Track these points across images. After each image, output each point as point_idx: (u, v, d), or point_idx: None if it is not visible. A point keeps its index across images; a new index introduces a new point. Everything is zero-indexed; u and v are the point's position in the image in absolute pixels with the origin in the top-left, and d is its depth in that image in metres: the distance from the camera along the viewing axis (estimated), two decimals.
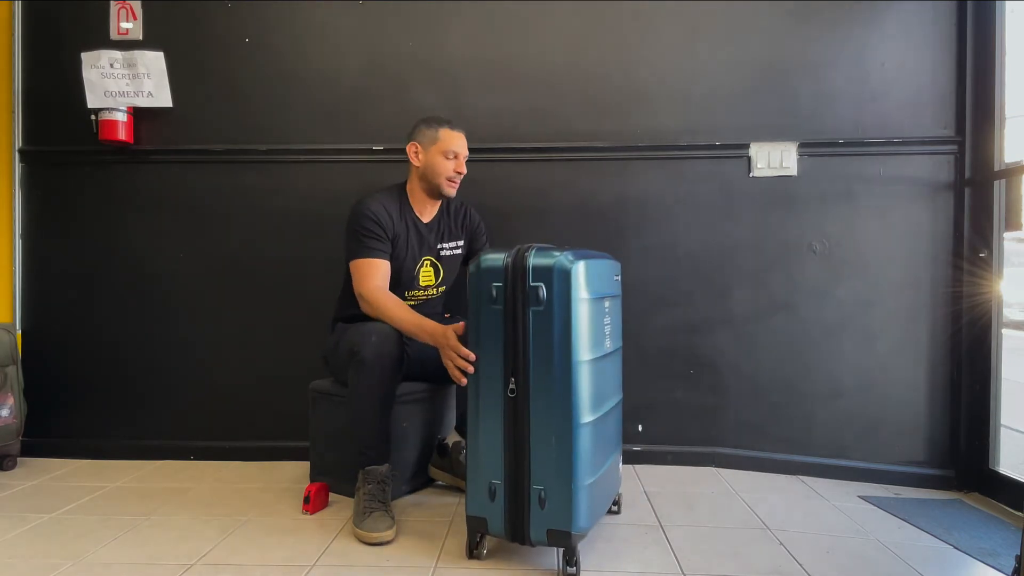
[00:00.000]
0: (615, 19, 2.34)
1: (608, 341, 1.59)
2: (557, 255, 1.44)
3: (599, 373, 1.52)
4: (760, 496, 2.02)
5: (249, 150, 2.39)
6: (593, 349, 1.48)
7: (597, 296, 1.51)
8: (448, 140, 1.97)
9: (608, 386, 1.61)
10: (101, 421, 2.43)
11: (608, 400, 1.59)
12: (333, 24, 2.39)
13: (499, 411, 1.47)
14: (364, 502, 1.71)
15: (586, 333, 1.45)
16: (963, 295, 2.19)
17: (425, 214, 2.05)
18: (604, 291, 1.57)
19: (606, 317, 1.58)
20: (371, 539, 1.63)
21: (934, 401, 2.24)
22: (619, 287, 1.74)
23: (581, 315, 1.44)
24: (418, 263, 2.02)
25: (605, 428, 1.56)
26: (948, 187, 2.23)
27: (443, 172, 1.97)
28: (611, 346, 1.62)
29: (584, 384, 1.44)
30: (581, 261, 1.45)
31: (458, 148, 1.99)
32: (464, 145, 2.01)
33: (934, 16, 2.24)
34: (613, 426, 1.67)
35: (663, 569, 1.51)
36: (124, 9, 2.40)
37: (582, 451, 1.43)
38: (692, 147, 2.32)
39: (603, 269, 1.59)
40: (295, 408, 2.21)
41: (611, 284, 1.65)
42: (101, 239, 2.43)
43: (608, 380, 1.61)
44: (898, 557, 1.60)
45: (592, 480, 1.47)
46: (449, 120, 2.01)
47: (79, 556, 1.57)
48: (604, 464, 1.56)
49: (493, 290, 1.46)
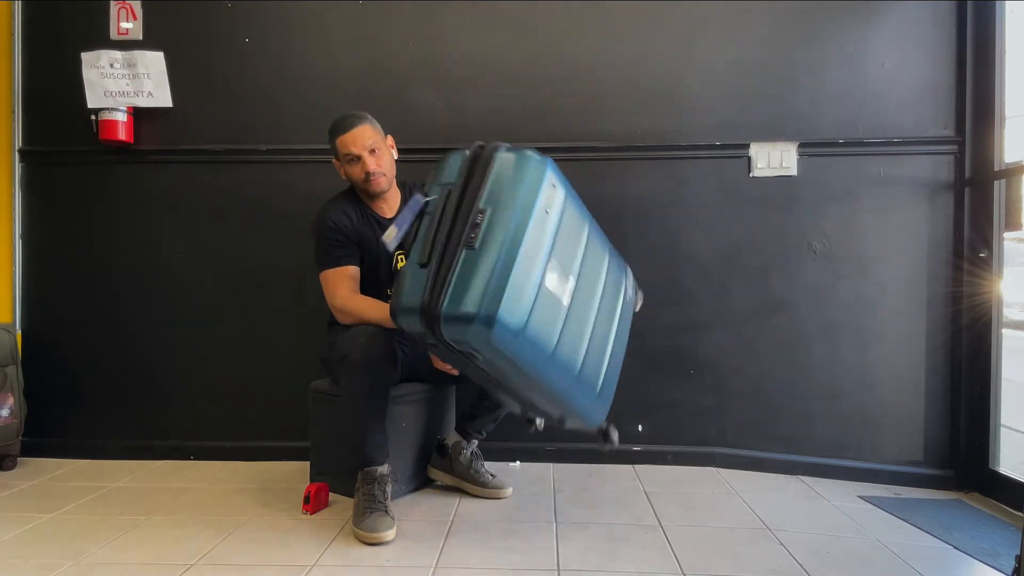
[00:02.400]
0: (615, 19, 2.34)
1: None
2: None
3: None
4: (760, 496, 2.02)
5: (249, 150, 2.39)
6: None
7: None
8: (341, 147, 1.89)
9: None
10: (101, 421, 2.43)
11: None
12: (333, 24, 2.39)
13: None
14: (364, 502, 1.71)
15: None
16: (963, 295, 2.19)
17: (385, 210, 2.00)
18: None
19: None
20: (371, 539, 1.63)
21: (934, 401, 2.24)
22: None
23: None
24: (394, 258, 1.98)
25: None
26: (948, 187, 2.23)
27: (357, 177, 1.91)
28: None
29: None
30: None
31: (352, 150, 1.87)
32: (359, 142, 1.87)
33: (934, 16, 2.24)
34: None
35: (663, 569, 1.51)
36: (124, 9, 2.40)
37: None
38: (692, 147, 2.32)
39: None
40: (295, 408, 2.21)
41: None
42: (101, 239, 2.43)
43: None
44: (898, 557, 1.60)
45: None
46: (343, 122, 1.89)
47: (79, 556, 1.57)
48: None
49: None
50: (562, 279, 1.45)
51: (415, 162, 2.24)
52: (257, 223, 2.40)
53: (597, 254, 1.60)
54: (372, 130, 1.90)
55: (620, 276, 1.71)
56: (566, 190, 1.51)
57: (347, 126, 1.88)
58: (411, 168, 2.14)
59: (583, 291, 1.52)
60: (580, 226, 1.55)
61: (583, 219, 1.57)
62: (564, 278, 1.46)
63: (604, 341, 1.62)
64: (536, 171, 1.43)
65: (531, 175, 1.42)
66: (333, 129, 1.91)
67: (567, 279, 1.47)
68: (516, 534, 1.70)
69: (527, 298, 1.36)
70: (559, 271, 1.44)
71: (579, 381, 1.54)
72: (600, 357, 1.61)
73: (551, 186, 1.44)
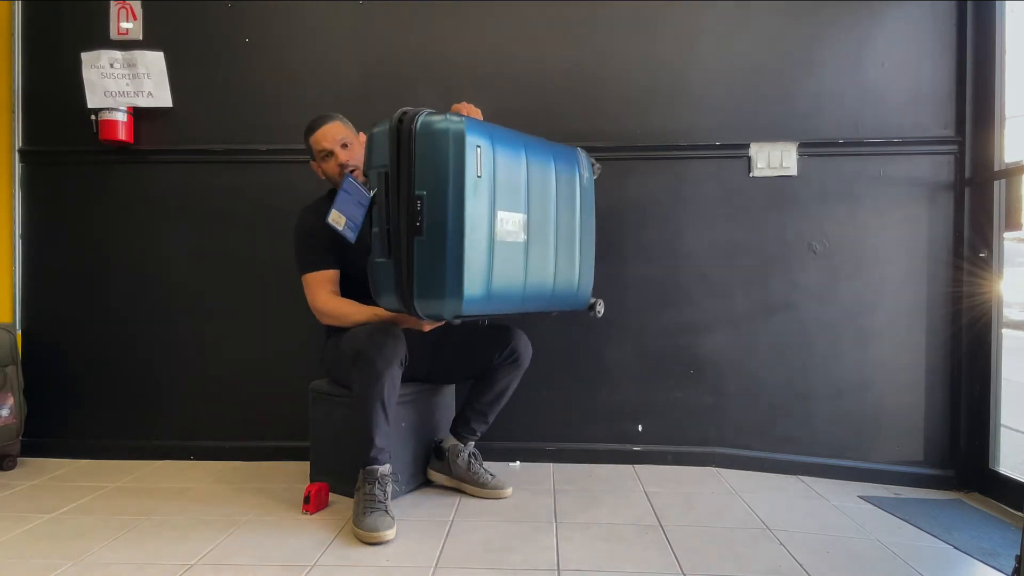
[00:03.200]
0: (615, 19, 2.34)
1: None
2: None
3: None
4: (760, 496, 2.02)
5: (249, 150, 2.39)
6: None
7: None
8: (315, 144, 1.96)
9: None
10: (101, 421, 2.43)
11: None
12: (333, 24, 2.39)
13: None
14: (364, 502, 1.71)
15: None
16: (963, 295, 2.19)
17: None
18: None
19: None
20: (371, 539, 1.63)
21: (934, 401, 2.24)
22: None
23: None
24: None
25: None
26: (948, 187, 2.23)
27: (332, 172, 1.96)
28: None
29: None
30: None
31: (325, 145, 1.94)
32: (330, 137, 1.93)
33: (934, 16, 2.24)
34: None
35: (663, 569, 1.51)
36: (124, 9, 2.40)
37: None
38: (692, 147, 2.32)
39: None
40: (295, 408, 2.21)
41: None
42: (101, 239, 2.43)
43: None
44: (898, 557, 1.60)
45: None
46: (315, 122, 1.96)
47: (79, 556, 1.57)
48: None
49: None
50: (514, 223, 1.51)
51: None
52: (257, 223, 2.40)
53: (542, 170, 1.63)
54: (343, 126, 1.98)
55: (571, 167, 1.75)
56: (491, 138, 1.50)
57: (318, 124, 1.96)
58: None
59: (537, 213, 1.59)
60: (516, 161, 1.56)
61: (517, 151, 1.57)
62: (516, 220, 1.52)
63: (571, 239, 1.72)
64: (456, 143, 1.42)
65: (453, 149, 1.42)
66: (306, 131, 1.98)
67: (519, 218, 1.52)
68: (516, 534, 1.70)
69: (485, 264, 1.45)
70: (509, 218, 1.50)
71: (555, 293, 1.68)
72: (570, 256, 1.72)
73: (475, 148, 1.43)
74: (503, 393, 2.02)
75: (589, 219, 1.83)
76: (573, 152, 1.82)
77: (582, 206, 1.78)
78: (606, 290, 2.33)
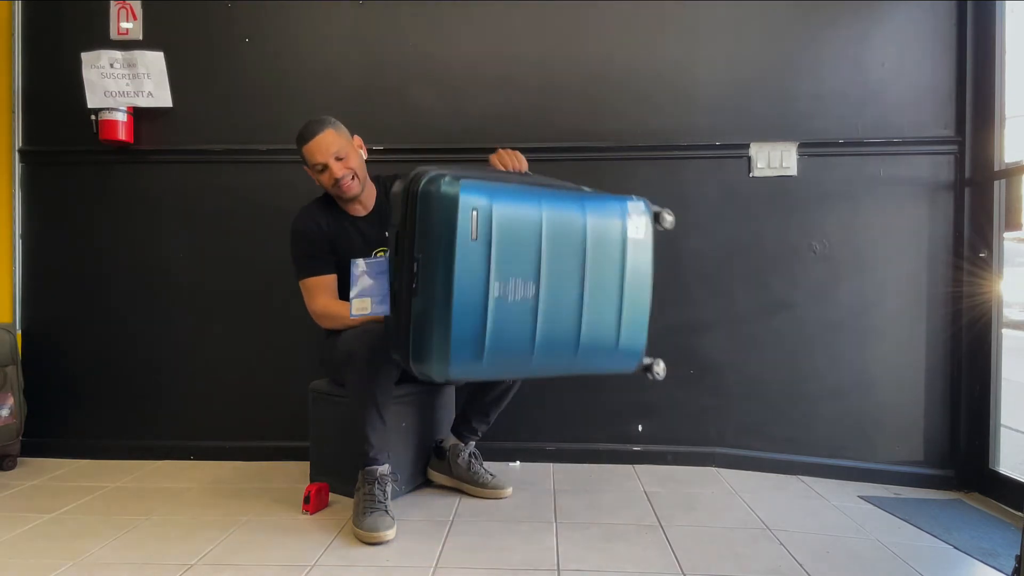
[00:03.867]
0: (615, 19, 2.34)
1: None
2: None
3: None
4: (760, 496, 2.02)
5: (249, 150, 2.39)
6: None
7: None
8: (307, 156, 1.89)
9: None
10: (101, 421, 2.43)
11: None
12: (333, 24, 2.39)
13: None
14: (364, 502, 1.71)
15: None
16: (963, 295, 2.19)
17: (360, 209, 2.00)
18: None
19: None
20: (371, 539, 1.63)
21: (934, 401, 2.24)
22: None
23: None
24: (372, 256, 1.96)
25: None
26: (948, 187, 2.23)
27: (327, 185, 1.91)
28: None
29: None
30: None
31: (318, 159, 1.86)
32: (323, 150, 1.86)
33: (934, 16, 2.24)
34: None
35: (663, 569, 1.51)
36: (124, 9, 2.40)
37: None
38: (692, 147, 2.32)
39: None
40: (295, 408, 2.21)
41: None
42: (101, 239, 2.43)
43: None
44: (898, 557, 1.60)
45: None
46: (306, 130, 1.88)
47: (79, 556, 1.57)
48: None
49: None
50: (520, 284, 1.47)
51: (415, 162, 2.22)
52: (257, 223, 2.40)
53: (565, 225, 1.54)
54: (336, 135, 1.89)
55: (612, 220, 1.61)
56: (493, 199, 1.46)
57: (310, 134, 1.87)
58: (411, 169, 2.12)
59: (554, 273, 1.51)
60: (525, 219, 1.50)
61: (528, 208, 1.51)
62: (522, 281, 1.48)
63: (607, 296, 1.59)
64: (449, 208, 1.42)
65: (446, 213, 1.42)
66: (298, 139, 1.90)
67: (526, 280, 1.48)
68: (516, 534, 1.70)
69: (476, 326, 1.43)
70: (513, 279, 1.46)
71: (582, 356, 1.56)
72: (605, 315, 1.59)
73: (471, 212, 1.42)
74: (506, 392, 2.01)
75: (640, 273, 1.65)
76: (620, 203, 1.65)
77: (629, 260, 1.63)
78: None
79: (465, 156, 2.28)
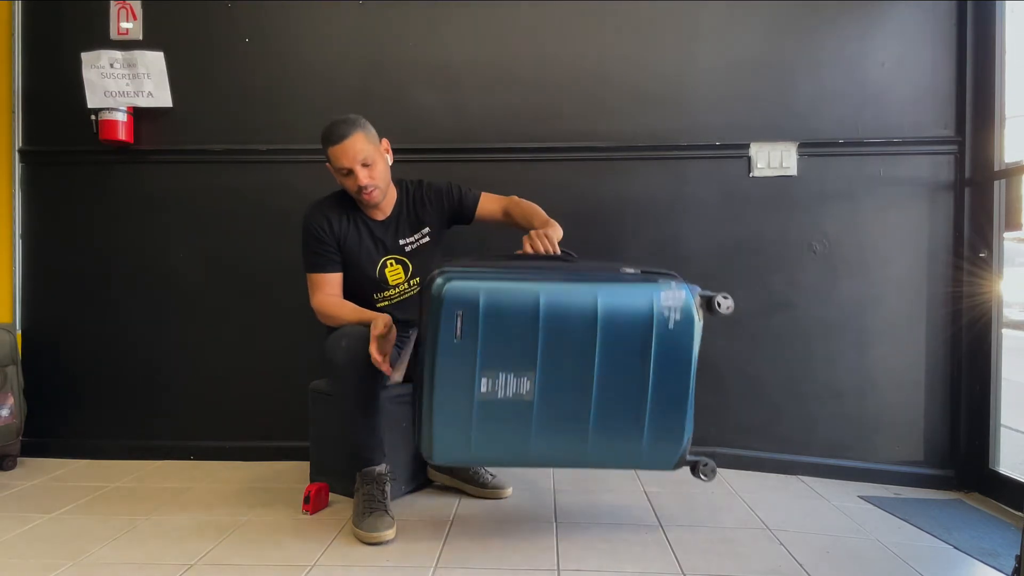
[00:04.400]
0: (615, 19, 2.34)
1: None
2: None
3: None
4: (760, 496, 2.02)
5: (249, 150, 2.39)
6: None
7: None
8: (333, 159, 1.82)
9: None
10: (101, 421, 2.43)
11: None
12: (333, 24, 2.39)
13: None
14: (363, 503, 1.71)
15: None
16: (963, 295, 2.19)
17: (378, 214, 1.95)
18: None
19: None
20: (372, 539, 1.63)
21: (934, 401, 2.24)
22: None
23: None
24: (377, 265, 1.94)
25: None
26: (948, 187, 2.23)
27: (350, 189, 1.86)
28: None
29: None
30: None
31: (344, 163, 1.80)
32: (351, 156, 1.79)
33: (934, 16, 2.24)
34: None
35: (663, 569, 1.51)
36: (124, 9, 2.40)
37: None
38: (692, 147, 2.32)
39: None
40: (295, 408, 2.21)
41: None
42: (101, 239, 2.43)
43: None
44: (898, 557, 1.60)
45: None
46: (334, 131, 1.80)
47: (79, 556, 1.57)
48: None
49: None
50: (509, 381, 1.50)
51: (415, 162, 2.24)
52: (257, 223, 2.40)
53: (568, 313, 1.49)
54: (365, 139, 1.82)
55: (636, 309, 1.52)
56: (483, 296, 1.46)
57: (338, 136, 1.79)
58: (411, 169, 2.12)
59: (554, 368, 1.49)
60: (520, 316, 1.47)
61: (526, 299, 1.48)
62: (513, 378, 1.50)
63: (628, 392, 1.52)
64: (435, 309, 1.47)
65: (432, 315, 1.48)
66: (325, 138, 1.82)
67: (518, 376, 1.50)
68: (516, 534, 1.70)
69: (461, 421, 1.50)
70: (502, 377, 1.49)
71: (597, 452, 1.56)
72: (625, 412, 1.53)
73: (455, 313, 1.46)
74: None
75: (673, 365, 1.55)
76: (648, 289, 1.55)
77: (658, 352, 1.53)
78: None
79: (465, 156, 2.29)
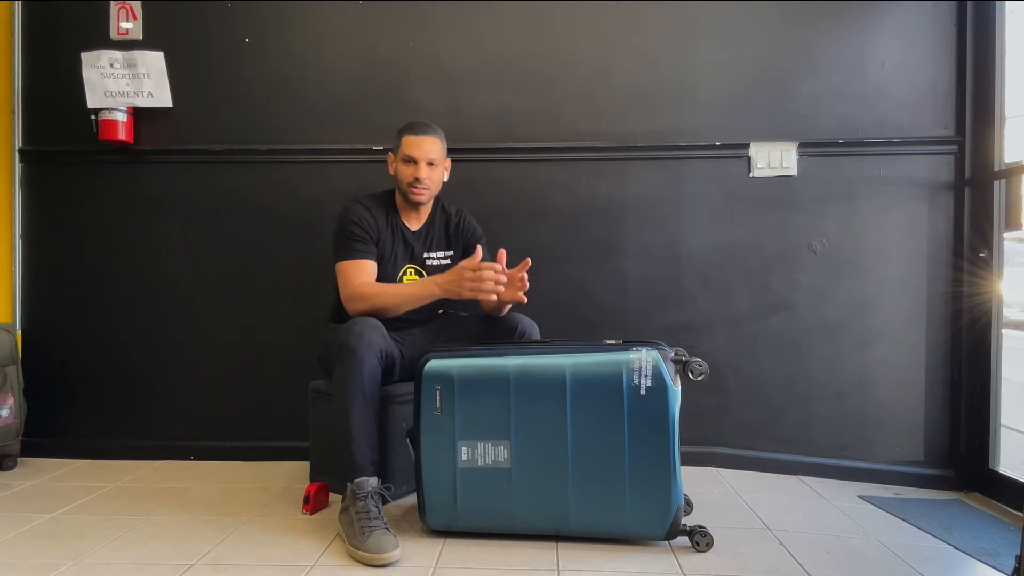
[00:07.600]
0: (615, 19, 2.34)
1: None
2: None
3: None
4: (760, 496, 2.02)
5: (249, 150, 2.39)
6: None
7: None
8: (406, 146, 1.91)
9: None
10: (101, 421, 2.43)
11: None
12: (333, 24, 2.39)
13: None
14: (360, 521, 1.58)
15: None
16: (963, 295, 2.19)
17: (412, 222, 2.01)
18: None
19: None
20: (378, 561, 1.50)
21: (934, 401, 2.24)
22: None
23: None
24: (400, 271, 1.97)
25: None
26: (948, 187, 2.23)
27: (404, 179, 1.92)
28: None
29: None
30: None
31: (414, 153, 1.90)
32: (423, 150, 1.90)
33: (934, 16, 2.24)
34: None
35: (663, 569, 1.51)
36: (124, 9, 2.40)
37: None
38: (692, 147, 2.32)
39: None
40: (295, 408, 2.21)
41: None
42: (101, 239, 2.43)
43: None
44: (898, 557, 1.60)
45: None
46: (417, 125, 1.94)
47: (79, 556, 1.57)
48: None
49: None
50: (487, 450, 1.63)
51: None
52: (257, 223, 2.40)
53: (537, 381, 1.62)
54: (440, 146, 1.96)
55: (607, 379, 1.59)
56: (457, 372, 1.63)
57: (420, 130, 1.93)
58: None
59: (528, 438, 1.62)
60: (492, 392, 1.63)
61: (496, 371, 1.63)
62: (490, 448, 1.63)
63: (605, 459, 1.59)
64: (418, 385, 1.65)
65: (417, 392, 1.65)
66: (406, 126, 1.95)
67: (495, 446, 1.63)
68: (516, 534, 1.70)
69: (446, 488, 1.64)
70: (480, 446, 1.63)
71: (578, 520, 1.62)
72: (604, 479, 1.60)
73: (434, 388, 1.63)
74: None
75: (649, 432, 1.58)
76: (617, 357, 1.60)
77: (631, 418, 1.58)
78: (607, 291, 2.34)
79: (465, 156, 2.28)
